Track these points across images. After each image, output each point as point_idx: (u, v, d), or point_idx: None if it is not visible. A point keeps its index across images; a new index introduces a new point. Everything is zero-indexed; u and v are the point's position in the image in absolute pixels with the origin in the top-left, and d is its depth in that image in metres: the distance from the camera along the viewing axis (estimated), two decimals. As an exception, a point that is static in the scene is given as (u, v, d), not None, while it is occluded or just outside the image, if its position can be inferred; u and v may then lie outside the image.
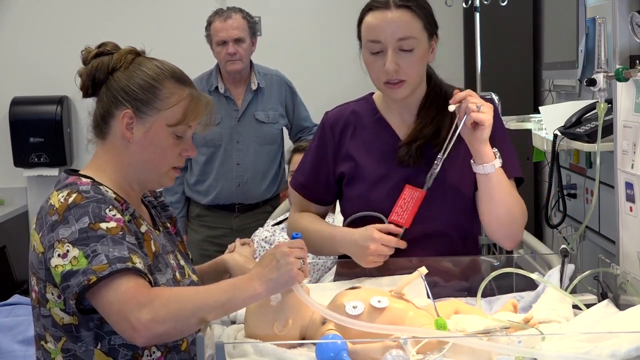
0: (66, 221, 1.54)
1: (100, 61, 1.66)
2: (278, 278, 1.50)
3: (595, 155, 2.10)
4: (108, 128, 1.67)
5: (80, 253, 1.50)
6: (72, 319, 1.59)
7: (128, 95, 1.64)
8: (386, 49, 1.88)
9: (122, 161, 1.67)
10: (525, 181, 2.05)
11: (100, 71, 1.66)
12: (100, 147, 1.70)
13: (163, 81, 1.66)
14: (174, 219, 1.85)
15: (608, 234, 2.88)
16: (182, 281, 1.71)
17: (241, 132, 3.67)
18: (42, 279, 1.59)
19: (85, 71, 1.68)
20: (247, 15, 3.65)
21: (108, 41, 1.71)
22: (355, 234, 1.92)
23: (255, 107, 3.69)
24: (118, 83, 1.65)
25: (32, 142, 4.70)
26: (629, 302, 1.70)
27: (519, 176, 2.01)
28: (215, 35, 3.58)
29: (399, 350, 1.37)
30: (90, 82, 1.67)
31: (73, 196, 1.56)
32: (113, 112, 1.65)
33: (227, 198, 3.69)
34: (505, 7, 3.80)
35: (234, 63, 3.59)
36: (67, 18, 4.88)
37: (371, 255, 1.88)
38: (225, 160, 3.67)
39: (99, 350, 1.60)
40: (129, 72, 1.66)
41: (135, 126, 1.64)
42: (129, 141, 1.65)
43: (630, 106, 1.81)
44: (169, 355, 1.65)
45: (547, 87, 4.17)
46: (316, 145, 2.08)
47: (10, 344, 2.73)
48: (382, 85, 1.94)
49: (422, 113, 1.99)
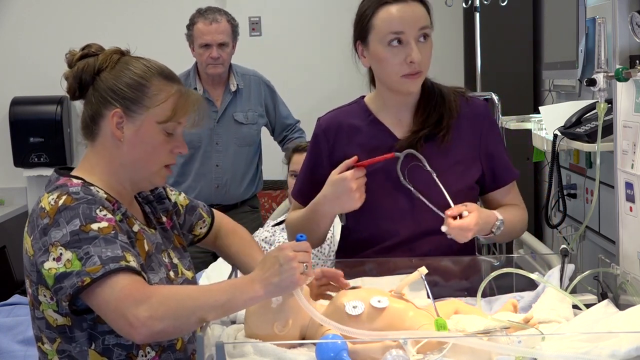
0: (57, 224, 1.53)
1: (86, 63, 1.66)
2: (280, 282, 1.48)
3: (595, 155, 2.10)
4: (98, 129, 1.66)
5: (73, 255, 1.50)
6: (66, 320, 1.59)
7: (116, 94, 1.63)
8: (408, 40, 1.90)
9: (113, 161, 1.66)
10: (525, 181, 2.07)
11: (86, 73, 1.65)
12: (90, 149, 1.69)
13: (151, 79, 1.65)
14: (170, 212, 1.84)
15: (608, 234, 2.87)
16: (176, 280, 1.70)
17: (220, 134, 3.66)
18: (34, 281, 1.59)
19: (71, 74, 1.67)
20: (231, 18, 3.64)
21: (92, 43, 1.71)
22: (328, 191, 1.93)
23: (234, 109, 3.68)
24: (105, 83, 1.64)
25: (32, 142, 4.70)
26: (629, 302, 1.70)
27: (516, 177, 2.08)
28: (199, 37, 3.55)
29: (399, 350, 1.37)
30: (77, 85, 1.66)
31: (63, 198, 1.56)
32: (102, 113, 1.65)
33: (206, 199, 3.65)
34: (505, 7, 3.80)
35: (216, 67, 3.58)
36: (67, 18, 4.89)
37: (357, 192, 1.89)
38: (205, 162, 3.66)
39: (93, 351, 1.59)
40: (116, 71, 1.65)
41: (126, 125, 1.64)
42: (120, 140, 1.64)
43: (630, 106, 1.81)
44: (164, 355, 1.65)
45: (547, 87, 4.17)
46: (311, 151, 2.10)
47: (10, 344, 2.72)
48: (398, 79, 1.94)
49: (422, 107, 2.01)
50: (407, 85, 1.95)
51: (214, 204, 3.65)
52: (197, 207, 1.93)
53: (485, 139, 2.03)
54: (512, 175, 2.06)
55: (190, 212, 1.91)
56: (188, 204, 1.91)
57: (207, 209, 1.96)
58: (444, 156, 1.98)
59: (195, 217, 1.92)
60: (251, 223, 3.74)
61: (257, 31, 4.97)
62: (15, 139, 4.72)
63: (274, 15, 4.95)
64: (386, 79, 1.97)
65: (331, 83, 4.81)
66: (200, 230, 1.93)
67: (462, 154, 2.00)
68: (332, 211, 1.98)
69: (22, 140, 4.71)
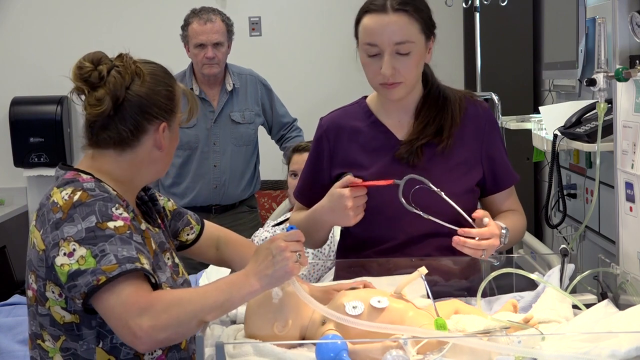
0: (71, 219, 1.53)
1: (114, 77, 1.61)
2: (274, 273, 1.49)
3: (595, 155, 2.10)
4: (137, 142, 1.65)
5: (87, 252, 1.50)
6: (74, 318, 1.58)
7: (160, 108, 1.64)
8: (383, 53, 1.88)
9: (139, 167, 1.67)
10: (525, 181, 2.07)
11: (120, 88, 1.61)
12: (111, 155, 1.66)
13: (173, 85, 1.69)
14: (161, 214, 1.84)
15: (608, 234, 2.88)
16: (177, 280, 1.71)
17: (217, 134, 3.65)
18: (41, 277, 1.59)
19: (106, 93, 1.60)
20: (226, 18, 3.64)
21: (97, 51, 1.65)
22: (325, 203, 1.94)
23: (231, 108, 3.68)
24: (142, 97, 1.62)
25: (32, 142, 4.70)
26: (629, 302, 1.70)
27: (517, 181, 2.07)
28: (194, 37, 3.54)
29: (399, 350, 1.37)
30: (113, 103, 1.61)
31: (78, 194, 1.55)
32: (145, 127, 1.64)
33: (204, 200, 3.67)
34: (505, 7, 3.80)
35: (212, 67, 3.57)
36: (67, 18, 4.89)
37: (351, 210, 1.89)
38: (202, 163, 3.65)
39: (100, 349, 1.59)
40: (149, 84, 1.64)
41: (166, 134, 1.67)
42: (162, 150, 1.67)
43: (630, 106, 1.82)
44: (170, 354, 1.65)
45: (547, 87, 4.17)
46: (312, 152, 2.09)
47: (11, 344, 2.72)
48: (378, 86, 1.94)
49: (422, 113, 2.00)
50: (385, 93, 1.95)
51: (212, 205, 3.67)
52: (184, 214, 1.93)
53: (487, 141, 2.02)
54: (512, 179, 2.06)
55: (177, 218, 1.91)
56: (175, 210, 1.92)
57: (196, 217, 1.96)
58: (445, 159, 1.97)
59: (182, 223, 1.92)
60: (249, 223, 3.74)
61: (257, 31, 4.96)
62: (15, 139, 4.72)
63: (274, 15, 4.95)
64: (370, 84, 1.98)
65: (331, 83, 4.81)
66: (187, 237, 1.92)
67: (463, 157, 1.99)
68: (328, 221, 2.00)
69: (22, 140, 4.70)
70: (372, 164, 1.99)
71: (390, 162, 1.98)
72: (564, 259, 1.78)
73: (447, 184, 1.90)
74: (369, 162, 2.00)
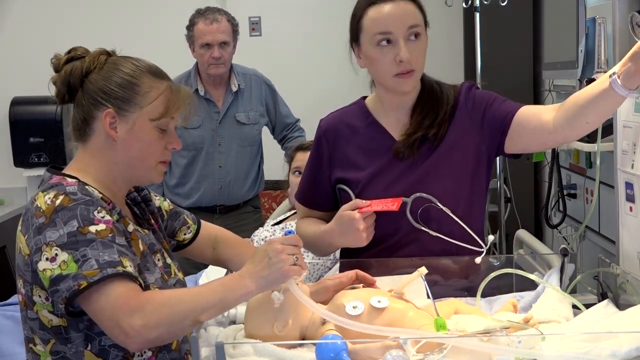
0: (54, 224, 1.53)
1: (73, 66, 1.66)
2: (269, 275, 1.50)
3: (595, 155, 2.10)
4: (90, 130, 1.66)
5: (69, 257, 1.50)
6: (61, 321, 1.58)
7: (107, 95, 1.64)
8: (397, 39, 1.89)
9: (107, 161, 1.66)
10: (525, 181, 2.06)
11: (74, 76, 1.66)
12: (82, 150, 1.69)
13: (140, 77, 1.66)
14: (155, 214, 1.84)
15: (608, 234, 2.88)
16: (169, 280, 1.71)
17: (222, 135, 3.66)
18: (28, 282, 1.59)
19: (58, 78, 1.67)
20: (231, 18, 3.64)
21: (78, 46, 1.71)
22: (335, 227, 1.95)
23: (236, 109, 3.68)
24: (95, 85, 1.65)
25: (32, 142, 4.70)
26: (629, 302, 1.70)
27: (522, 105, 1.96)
28: (200, 37, 3.54)
29: (399, 350, 1.37)
30: (66, 89, 1.67)
31: (60, 198, 1.55)
32: (94, 114, 1.65)
33: (209, 200, 3.68)
34: (505, 7, 3.80)
35: (218, 67, 3.57)
36: (67, 18, 4.89)
37: (364, 232, 1.90)
38: (208, 163, 3.65)
39: (89, 352, 1.59)
40: (105, 72, 1.66)
41: (119, 125, 1.64)
42: (114, 140, 1.64)
43: (630, 106, 1.81)
44: (160, 355, 1.65)
45: (547, 87, 4.17)
46: (312, 154, 2.10)
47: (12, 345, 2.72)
48: (391, 79, 1.93)
49: (419, 108, 2.00)
50: (400, 85, 1.94)
51: (217, 205, 3.68)
52: (181, 214, 1.93)
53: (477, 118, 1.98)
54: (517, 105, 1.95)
55: (174, 217, 1.91)
56: (172, 210, 1.92)
57: (192, 217, 1.96)
58: (446, 160, 1.97)
59: (179, 222, 1.92)
60: (253, 223, 3.74)
61: (257, 31, 4.97)
62: (15, 139, 4.72)
63: (274, 15, 4.95)
64: (380, 79, 1.97)
65: (331, 83, 4.81)
66: (184, 236, 1.92)
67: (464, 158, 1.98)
68: (340, 244, 2.02)
69: (22, 140, 4.70)
70: (370, 164, 2.00)
71: (387, 161, 1.98)
72: (564, 259, 1.78)
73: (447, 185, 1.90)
74: (366, 163, 2.00)
